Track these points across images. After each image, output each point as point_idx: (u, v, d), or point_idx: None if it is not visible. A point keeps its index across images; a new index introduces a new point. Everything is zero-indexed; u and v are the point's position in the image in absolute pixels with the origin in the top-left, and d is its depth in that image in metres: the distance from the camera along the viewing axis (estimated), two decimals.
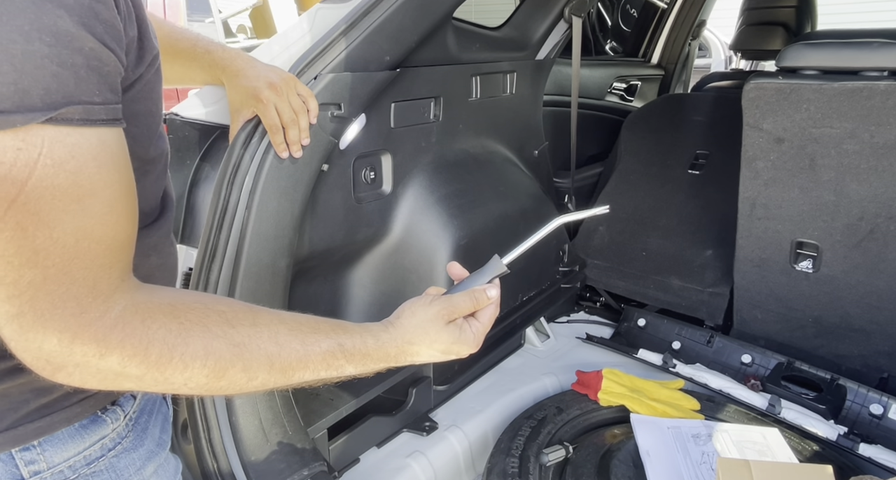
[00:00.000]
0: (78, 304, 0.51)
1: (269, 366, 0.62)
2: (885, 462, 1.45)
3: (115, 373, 0.54)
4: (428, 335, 0.74)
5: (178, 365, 0.56)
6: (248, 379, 0.61)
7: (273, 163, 1.12)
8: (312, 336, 0.67)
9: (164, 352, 0.55)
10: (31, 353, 0.52)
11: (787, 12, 2.58)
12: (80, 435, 0.67)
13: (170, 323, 0.56)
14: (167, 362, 0.55)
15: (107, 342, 0.53)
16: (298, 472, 1.16)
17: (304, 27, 1.25)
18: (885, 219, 1.57)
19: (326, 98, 1.19)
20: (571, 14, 1.90)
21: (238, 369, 0.60)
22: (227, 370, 0.59)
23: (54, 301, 0.50)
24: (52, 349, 0.51)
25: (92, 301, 0.52)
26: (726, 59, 5.80)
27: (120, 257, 0.55)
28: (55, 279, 0.50)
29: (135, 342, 0.54)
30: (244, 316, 0.63)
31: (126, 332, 0.54)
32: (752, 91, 1.62)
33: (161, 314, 0.57)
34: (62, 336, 0.51)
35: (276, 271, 1.18)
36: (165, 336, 0.55)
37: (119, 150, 0.54)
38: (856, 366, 1.74)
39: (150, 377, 0.55)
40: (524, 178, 1.94)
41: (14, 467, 0.62)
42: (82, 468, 0.67)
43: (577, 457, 1.45)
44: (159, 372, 0.55)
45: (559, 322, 2.22)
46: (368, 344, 0.71)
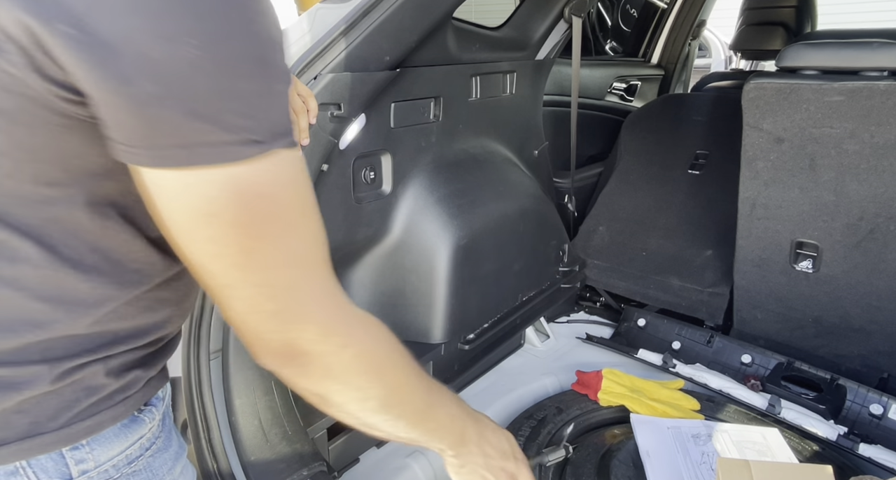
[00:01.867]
0: (333, 298, 0.62)
1: (426, 402, 0.77)
2: (885, 462, 1.45)
3: (344, 368, 0.64)
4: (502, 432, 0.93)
5: (392, 366, 0.69)
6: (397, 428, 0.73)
7: None
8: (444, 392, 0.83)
9: (384, 355, 0.68)
10: (278, 346, 0.60)
11: (787, 12, 2.58)
12: (123, 435, 0.68)
13: (388, 333, 0.70)
14: (386, 369, 0.68)
15: (352, 333, 0.64)
16: (298, 472, 1.16)
17: (304, 27, 1.25)
18: (885, 219, 1.57)
19: (326, 98, 1.19)
20: (571, 14, 1.90)
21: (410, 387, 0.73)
22: (404, 389, 0.72)
23: (306, 295, 0.60)
24: (306, 337, 0.60)
25: (335, 296, 0.63)
26: (726, 59, 5.80)
27: (330, 261, 0.64)
28: (303, 277, 0.59)
29: (370, 338, 0.66)
30: (426, 380, 0.77)
31: (364, 329, 0.66)
32: (752, 91, 1.62)
33: (378, 321, 0.69)
34: (320, 326, 0.61)
35: None
36: (386, 341, 0.69)
37: (305, 171, 0.63)
38: (856, 366, 1.74)
39: (364, 379, 0.66)
40: (524, 178, 1.94)
41: (64, 466, 0.63)
42: (124, 467, 0.68)
43: (577, 457, 1.45)
44: (376, 376, 0.67)
45: (559, 322, 2.22)
46: (480, 419, 0.90)
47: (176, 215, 0.54)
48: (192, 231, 0.54)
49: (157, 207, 0.54)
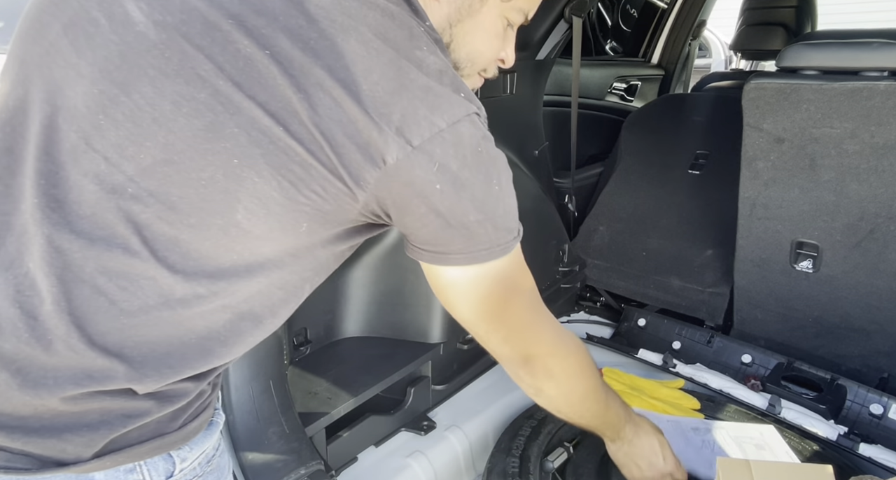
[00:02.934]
0: (551, 326, 0.92)
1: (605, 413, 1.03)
2: (885, 462, 1.45)
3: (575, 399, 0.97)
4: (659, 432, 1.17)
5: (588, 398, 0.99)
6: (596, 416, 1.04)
7: None
8: (626, 409, 1.11)
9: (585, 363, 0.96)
10: (523, 357, 0.88)
11: (787, 12, 2.58)
12: (207, 436, 0.74)
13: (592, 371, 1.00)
14: (583, 369, 0.96)
15: (567, 347, 0.93)
16: (295, 471, 1.16)
17: None
18: (885, 219, 1.57)
19: None
20: (571, 14, 1.90)
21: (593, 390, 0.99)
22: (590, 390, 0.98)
23: (543, 328, 0.90)
24: (542, 352, 0.89)
25: (555, 323, 0.93)
26: (726, 59, 5.80)
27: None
28: (536, 317, 0.89)
29: (577, 351, 0.95)
30: (611, 392, 1.07)
31: (573, 343, 0.96)
32: (752, 91, 1.62)
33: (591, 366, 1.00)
34: (549, 344, 0.90)
35: None
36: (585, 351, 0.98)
37: None
38: (856, 366, 1.73)
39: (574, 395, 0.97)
40: (524, 178, 1.94)
41: (171, 464, 0.69)
42: (202, 466, 0.73)
43: (578, 457, 1.44)
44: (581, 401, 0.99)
45: (559, 321, 2.22)
46: (639, 422, 1.14)
47: (471, 300, 0.78)
48: (479, 312, 0.79)
49: (456, 296, 0.78)
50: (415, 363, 1.55)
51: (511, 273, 0.77)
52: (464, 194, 0.66)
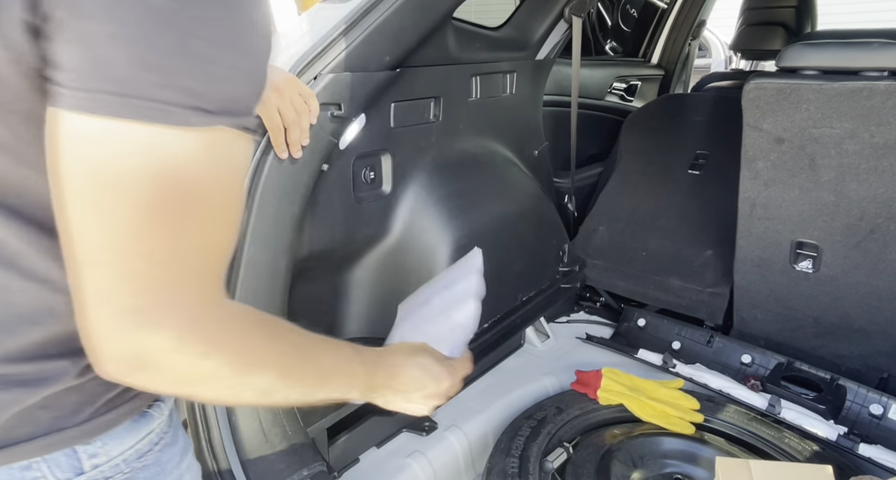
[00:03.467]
0: (199, 304, 0.54)
1: (316, 371, 0.69)
2: (885, 462, 1.45)
3: (202, 376, 0.56)
4: (413, 350, 0.89)
5: (261, 366, 0.60)
6: (299, 380, 0.67)
7: (273, 164, 1.12)
8: (335, 343, 0.75)
9: (257, 355, 0.60)
10: (123, 349, 0.52)
11: (787, 12, 2.58)
12: (134, 429, 0.68)
13: (264, 328, 0.62)
14: (257, 364, 0.60)
15: (217, 342, 0.55)
16: (298, 472, 1.16)
17: (304, 27, 1.25)
18: (885, 219, 1.57)
19: (326, 98, 1.19)
20: (571, 14, 1.90)
21: (297, 371, 0.66)
22: (291, 372, 0.64)
23: (178, 299, 0.52)
24: (159, 345, 0.52)
25: (210, 303, 0.55)
26: (726, 59, 5.80)
27: (226, 268, 0.58)
28: (183, 279, 0.52)
29: (240, 344, 0.58)
30: (298, 328, 0.69)
31: (234, 334, 0.57)
32: (752, 91, 1.62)
33: (255, 318, 0.62)
34: (174, 333, 0.52)
35: (275, 271, 1.18)
36: (261, 339, 0.61)
37: (246, 165, 0.57)
38: (856, 366, 1.74)
39: (232, 380, 0.58)
40: (524, 178, 1.94)
41: (76, 461, 0.63)
42: (134, 461, 0.68)
43: (577, 457, 1.45)
44: (246, 375, 0.59)
45: (559, 322, 2.22)
46: (376, 351, 0.83)
47: (76, 166, 0.47)
48: (85, 188, 0.47)
49: (59, 154, 0.47)
50: None
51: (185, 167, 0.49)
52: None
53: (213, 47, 0.48)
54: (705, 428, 1.58)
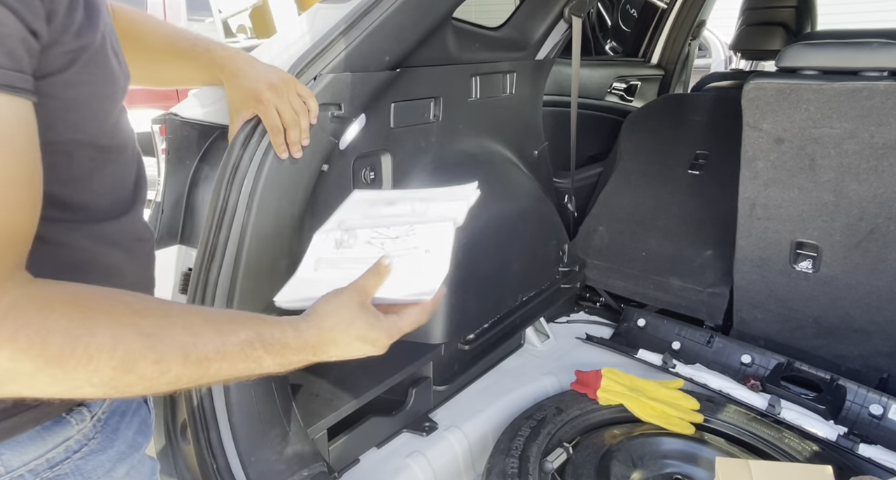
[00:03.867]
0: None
1: (185, 358, 0.58)
2: (885, 462, 1.45)
3: (1, 371, 0.49)
4: (343, 319, 0.71)
5: (81, 357, 0.51)
6: (161, 373, 0.57)
7: (273, 164, 1.12)
8: (229, 326, 0.63)
9: (67, 344, 0.51)
10: None
11: (787, 12, 2.58)
12: (41, 437, 0.63)
13: (72, 313, 0.52)
14: (69, 354, 0.51)
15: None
16: (298, 473, 1.16)
17: (304, 27, 1.25)
18: (885, 219, 1.57)
19: (327, 98, 1.19)
20: (571, 14, 1.90)
21: (149, 361, 0.55)
22: (137, 362, 0.55)
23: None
24: None
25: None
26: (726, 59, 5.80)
27: (11, 248, 0.51)
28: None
29: (30, 333, 0.49)
30: (155, 308, 0.60)
31: (19, 323, 0.49)
32: (751, 91, 1.62)
33: (61, 303, 0.52)
34: None
35: (275, 271, 1.18)
36: (67, 326, 0.51)
37: (17, 128, 0.50)
38: (856, 366, 1.73)
39: (46, 373, 0.50)
40: (524, 178, 1.94)
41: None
42: (45, 471, 0.63)
43: (577, 457, 1.45)
44: (59, 367, 0.51)
45: (559, 322, 2.22)
46: (288, 333, 0.68)
47: None
48: None
49: None
50: (416, 364, 1.55)
51: None
52: None
53: None
54: (705, 429, 1.58)
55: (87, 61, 0.58)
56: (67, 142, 0.60)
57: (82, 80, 0.58)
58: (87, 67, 0.58)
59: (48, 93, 0.54)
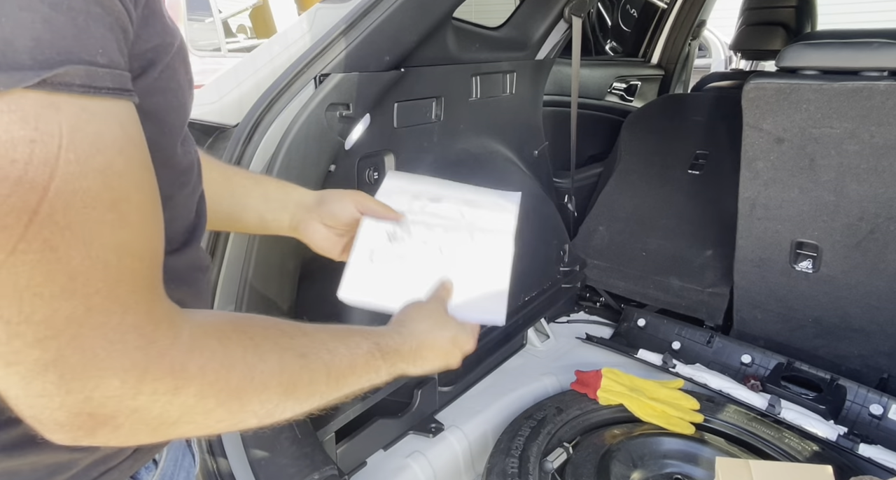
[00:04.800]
0: (141, 335, 0.42)
1: (327, 375, 0.57)
2: (885, 462, 1.45)
3: (181, 412, 0.45)
4: (437, 323, 0.74)
5: (258, 386, 0.49)
6: (310, 394, 0.56)
7: (282, 165, 1.12)
8: (352, 338, 0.63)
9: (246, 374, 0.48)
10: (67, 409, 0.40)
11: (787, 12, 2.58)
12: None
13: (244, 341, 0.50)
14: (248, 385, 0.49)
15: (185, 371, 0.44)
16: (309, 476, 1.16)
17: (304, 27, 1.25)
18: (885, 219, 1.57)
19: (335, 98, 1.19)
20: (571, 14, 1.90)
21: (305, 382, 0.54)
22: (296, 385, 0.53)
23: (108, 335, 0.40)
24: (109, 394, 0.41)
25: (155, 328, 0.43)
26: (726, 59, 5.80)
27: (160, 275, 0.46)
28: (103, 308, 0.40)
29: (216, 366, 0.46)
30: (293, 327, 0.58)
31: (206, 356, 0.46)
32: (752, 91, 1.62)
33: (231, 331, 0.50)
34: (127, 375, 0.41)
35: (284, 272, 1.18)
36: (244, 355, 0.49)
37: (140, 138, 0.43)
38: (856, 366, 1.74)
39: (225, 408, 0.47)
40: (524, 178, 1.94)
41: None
42: None
43: (577, 457, 1.45)
44: (238, 400, 0.48)
45: (559, 322, 2.22)
46: (396, 340, 0.69)
47: None
48: None
49: None
50: None
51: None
52: None
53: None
54: (705, 428, 1.58)
55: (166, 66, 0.49)
56: None
57: (160, 87, 0.49)
58: (165, 73, 0.49)
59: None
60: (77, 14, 0.37)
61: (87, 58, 0.37)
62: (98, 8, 0.38)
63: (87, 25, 0.37)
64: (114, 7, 0.39)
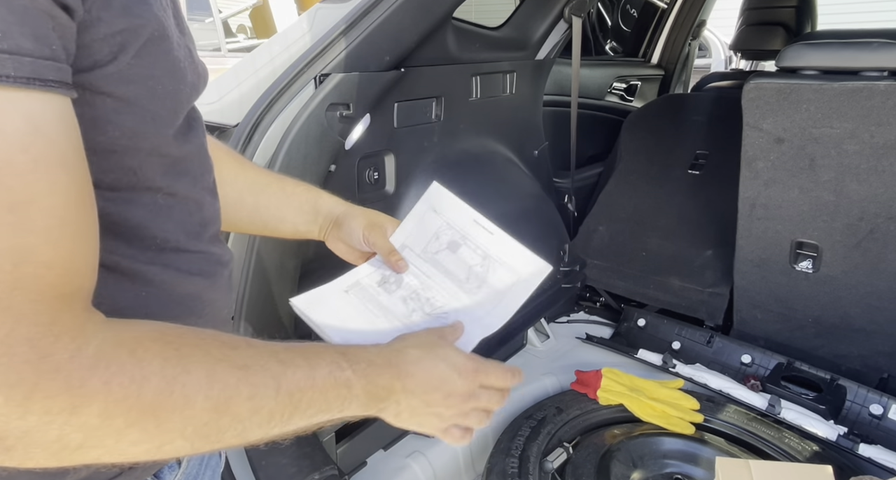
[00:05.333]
0: (33, 348, 0.38)
1: (276, 390, 0.51)
2: (885, 462, 1.45)
3: (84, 435, 0.40)
4: (425, 341, 0.67)
5: (178, 401, 0.44)
6: (254, 411, 0.49)
7: (283, 164, 1.12)
8: (313, 349, 0.57)
9: (163, 387, 0.43)
10: None
11: (787, 12, 2.58)
12: None
13: (164, 351, 0.44)
14: (166, 399, 0.43)
15: (84, 387, 0.39)
16: (309, 476, 1.16)
17: (304, 27, 1.25)
18: (885, 219, 1.57)
19: (336, 98, 1.19)
20: (571, 14, 1.90)
21: (243, 398, 0.48)
22: (231, 400, 0.47)
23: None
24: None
25: (54, 341, 0.39)
26: (726, 59, 5.80)
27: (78, 286, 0.42)
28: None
29: (124, 381, 0.41)
30: (242, 340, 0.53)
31: (112, 371, 0.41)
32: (752, 91, 1.62)
33: (151, 342, 0.44)
34: (12, 392, 0.37)
35: (283, 272, 1.18)
36: (162, 366, 0.43)
37: (58, 135, 0.39)
38: (856, 366, 1.74)
39: (137, 428, 0.42)
40: (525, 178, 1.94)
41: None
42: None
43: (577, 457, 1.45)
44: (154, 417, 0.43)
45: (559, 322, 2.22)
46: (371, 350, 0.62)
47: None
48: None
49: None
50: None
51: None
52: None
53: None
54: (705, 428, 1.58)
55: (142, 50, 0.46)
56: (127, 152, 0.48)
57: (137, 74, 0.46)
58: (143, 58, 0.46)
59: (98, 90, 0.43)
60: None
61: (6, 46, 0.35)
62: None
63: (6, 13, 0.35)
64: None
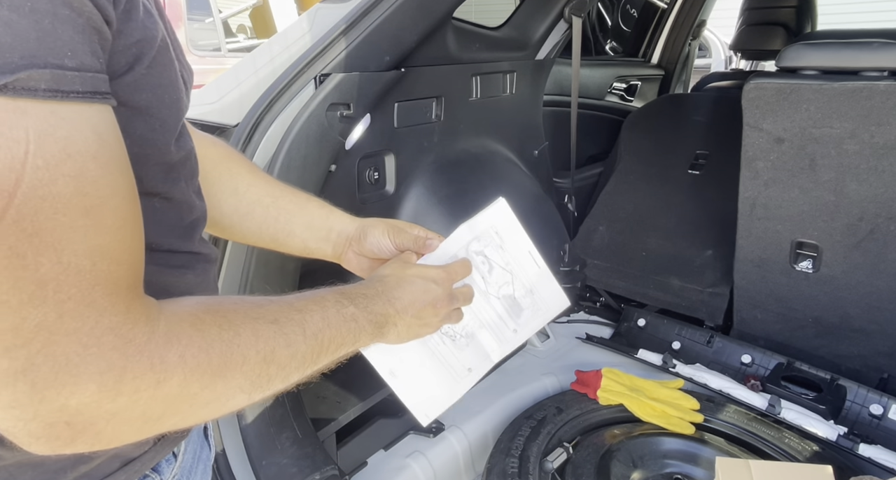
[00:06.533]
0: (117, 336, 0.41)
1: (304, 335, 0.57)
2: (885, 462, 1.45)
3: (167, 407, 0.45)
4: (398, 265, 0.76)
5: (237, 359, 0.50)
6: (291, 356, 0.56)
7: (283, 164, 1.12)
8: (317, 295, 0.64)
9: (224, 350, 0.49)
10: (42, 420, 0.40)
11: (787, 12, 2.58)
12: None
13: (217, 319, 0.50)
14: (229, 360, 0.49)
15: (165, 363, 0.44)
16: (310, 476, 1.16)
17: (304, 27, 1.25)
18: (885, 219, 1.57)
19: (336, 98, 1.19)
20: (571, 14, 1.90)
21: (282, 346, 0.54)
22: (275, 351, 0.53)
23: (83, 339, 0.39)
24: (86, 400, 0.40)
25: (132, 327, 0.43)
26: (726, 59, 5.80)
27: (140, 274, 0.46)
28: (77, 314, 0.39)
29: (195, 351, 0.46)
30: (262, 299, 0.59)
31: (183, 343, 0.46)
32: (752, 91, 1.62)
33: (203, 313, 0.50)
34: (104, 378, 0.40)
35: (284, 273, 1.18)
36: (219, 333, 0.49)
37: (117, 142, 0.43)
38: (856, 366, 1.74)
39: (210, 391, 0.48)
40: (525, 178, 1.94)
41: None
42: None
43: (577, 457, 1.45)
44: (221, 378, 0.48)
45: (559, 322, 2.22)
46: (359, 286, 0.70)
47: None
48: None
49: None
50: None
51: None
52: None
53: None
54: (705, 428, 1.58)
55: (153, 60, 0.48)
56: (137, 160, 0.49)
57: (150, 83, 0.48)
58: (153, 68, 0.48)
59: (118, 100, 0.45)
60: (41, 16, 0.36)
61: (53, 61, 0.37)
62: (66, 9, 0.37)
63: (54, 28, 0.37)
64: (84, 8, 0.39)
